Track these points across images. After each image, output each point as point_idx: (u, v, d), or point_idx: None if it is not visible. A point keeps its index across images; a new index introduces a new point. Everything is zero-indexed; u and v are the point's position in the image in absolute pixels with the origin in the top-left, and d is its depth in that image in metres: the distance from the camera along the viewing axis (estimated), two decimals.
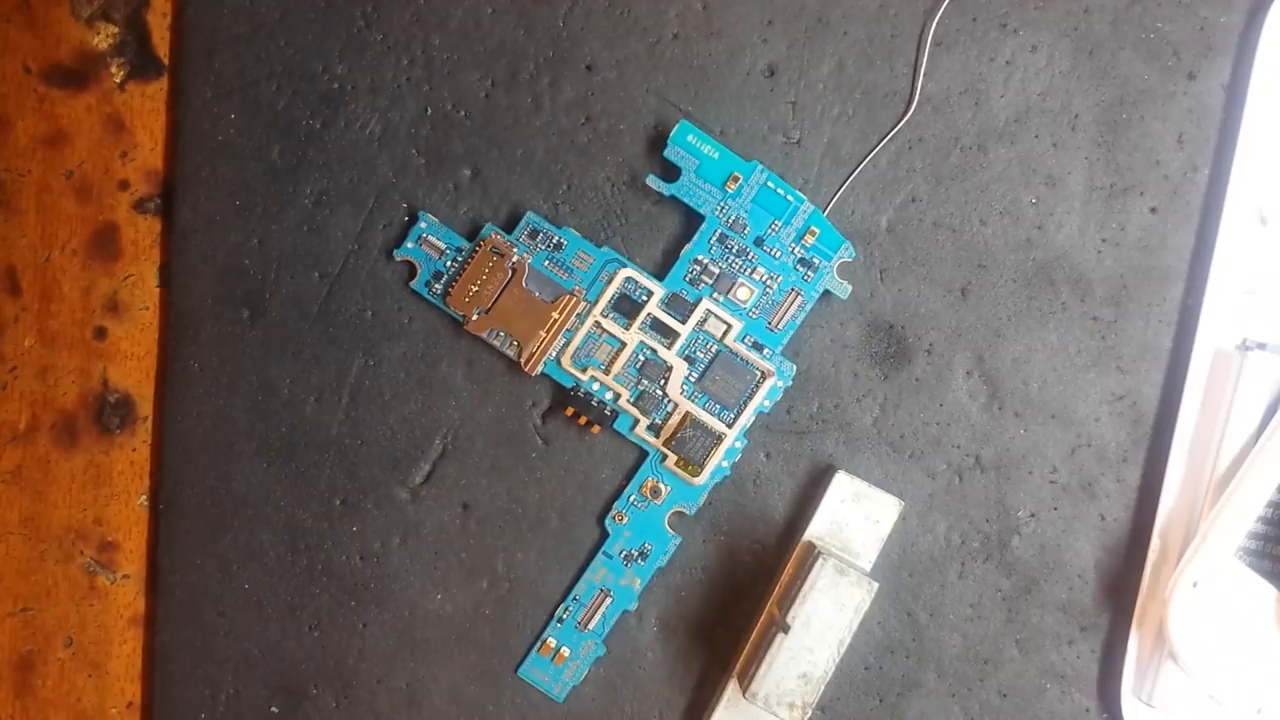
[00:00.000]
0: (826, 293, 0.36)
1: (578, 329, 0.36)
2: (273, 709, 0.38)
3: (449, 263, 0.37)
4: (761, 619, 0.36)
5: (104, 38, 0.38)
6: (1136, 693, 0.36)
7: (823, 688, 0.33)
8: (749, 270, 0.36)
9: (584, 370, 0.37)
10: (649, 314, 0.36)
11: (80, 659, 0.39)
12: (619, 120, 0.37)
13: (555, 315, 0.37)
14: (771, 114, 0.37)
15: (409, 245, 0.37)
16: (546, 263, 0.37)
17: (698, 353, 0.36)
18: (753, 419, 0.36)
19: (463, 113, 0.37)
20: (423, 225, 0.37)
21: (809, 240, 0.36)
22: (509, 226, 0.37)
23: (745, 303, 0.36)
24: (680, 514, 0.37)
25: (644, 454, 0.37)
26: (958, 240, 0.36)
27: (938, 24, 0.36)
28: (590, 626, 0.37)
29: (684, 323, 0.36)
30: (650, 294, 0.36)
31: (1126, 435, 0.36)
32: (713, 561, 0.37)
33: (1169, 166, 0.36)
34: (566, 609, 0.37)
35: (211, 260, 0.38)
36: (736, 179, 0.36)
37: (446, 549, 0.38)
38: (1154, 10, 0.36)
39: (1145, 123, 0.36)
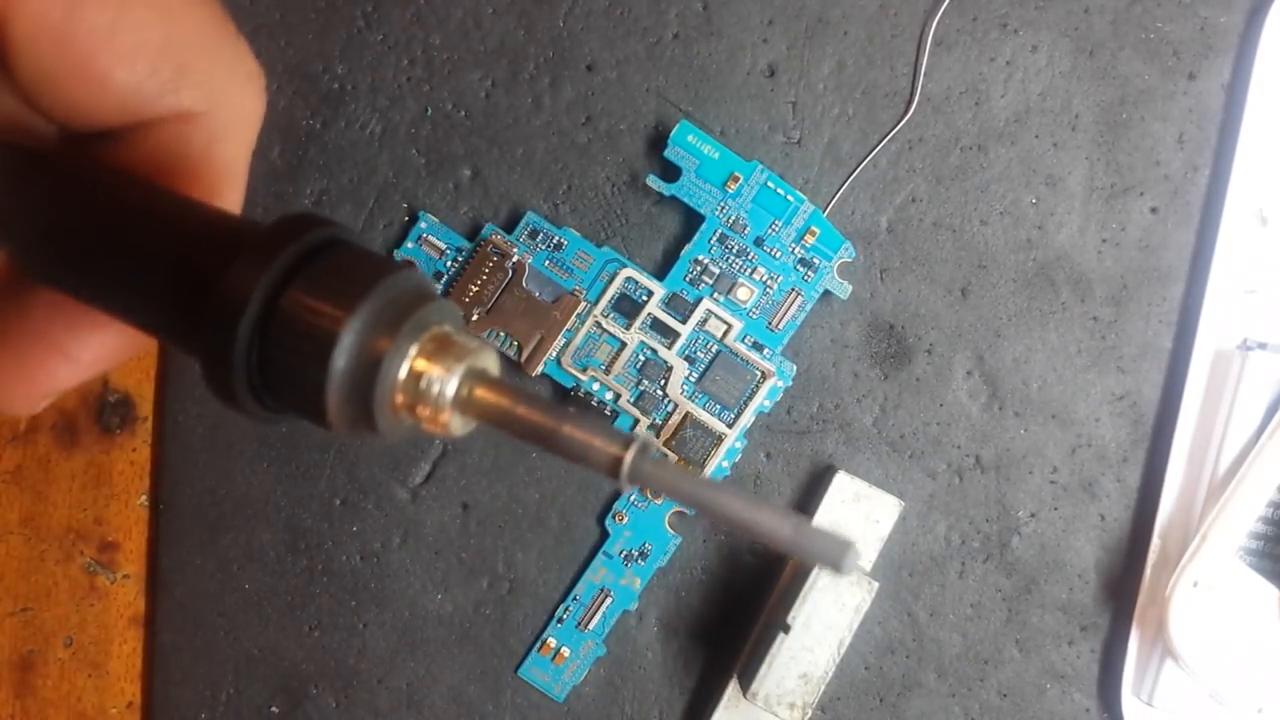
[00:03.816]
0: (826, 293, 0.36)
1: (578, 329, 0.36)
2: (273, 709, 0.38)
3: (449, 263, 0.37)
4: (761, 619, 0.36)
5: None
6: (1136, 693, 0.36)
7: (823, 688, 0.33)
8: (749, 270, 0.36)
9: (584, 370, 0.37)
10: (649, 314, 0.36)
11: (80, 659, 0.39)
12: (619, 120, 0.37)
13: (555, 315, 0.37)
14: (771, 114, 0.37)
15: (409, 245, 0.37)
16: (547, 263, 0.37)
17: (698, 353, 0.36)
18: (753, 419, 0.36)
19: (463, 113, 0.37)
20: (423, 225, 0.37)
21: (809, 240, 0.36)
22: (509, 226, 0.37)
23: (745, 303, 0.36)
24: (680, 514, 0.37)
25: None
26: (958, 240, 0.36)
27: (938, 24, 0.36)
28: (590, 626, 0.37)
29: (684, 323, 0.36)
30: (650, 294, 0.36)
31: (1126, 435, 0.36)
32: (713, 561, 0.37)
33: (1169, 166, 0.36)
34: (566, 609, 0.37)
35: None
36: (736, 179, 0.36)
37: (446, 549, 0.38)
38: (1154, 10, 0.36)
39: (1145, 123, 0.36)
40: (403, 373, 0.15)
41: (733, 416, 0.36)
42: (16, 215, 0.17)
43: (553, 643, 0.37)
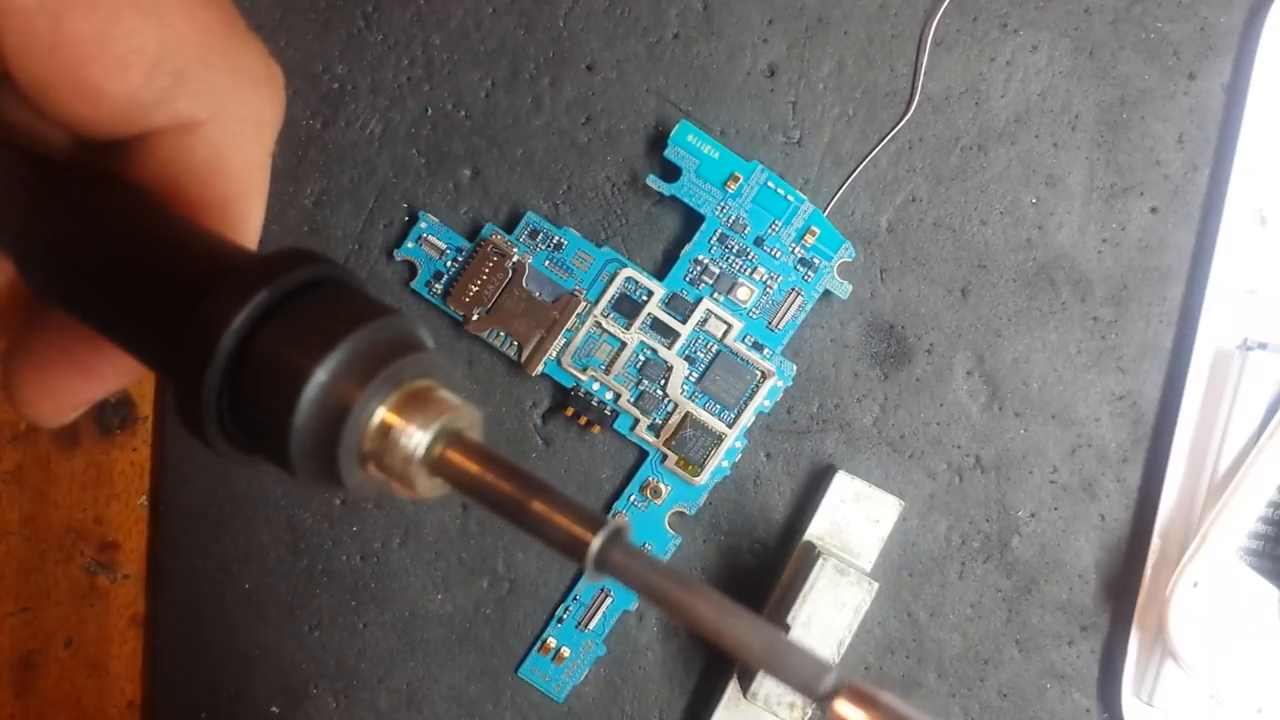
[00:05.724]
0: (827, 293, 0.36)
1: (578, 329, 0.36)
2: (273, 709, 0.38)
3: (449, 263, 0.37)
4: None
5: None
6: (1136, 693, 0.36)
7: None
8: (749, 270, 0.36)
9: (584, 370, 0.37)
10: (649, 314, 0.36)
11: (80, 659, 0.39)
12: (619, 120, 0.37)
13: (555, 315, 0.37)
14: (771, 114, 0.37)
15: (409, 245, 0.37)
16: (547, 263, 0.37)
17: (698, 353, 0.36)
18: (753, 419, 0.36)
19: (463, 113, 0.37)
20: (423, 225, 0.37)
21: (809, 240, 0.36)
22: (509, 226, 0.37)
23: (745, 303, 0.36)
24: (680, 514, 0.37)
25: (644, 454, 0.37)
26: (958, 240, 0.36)
27: (938, 24, 0.36)
28: (590, 626, 0.37)
29: (684, 323, 0.36)
30: (650, 294, 0.36)
31: (1126, 435, 0.36)
32: (713, 561, 0.37)
33: (1169, 166, 0.36)
34: (566, 609, 0.37)
35: None
36: (736, 179, 0.36)
37: (446, 549, 0.38)
38: (1154, 10, 0.36)
39: (1145, 123, 0.36)
40: (371, 427, 0.14)
41: (733, 416, 0.36)
42: (20, 226, 0.17)
43: (553, 642, 0.37)
